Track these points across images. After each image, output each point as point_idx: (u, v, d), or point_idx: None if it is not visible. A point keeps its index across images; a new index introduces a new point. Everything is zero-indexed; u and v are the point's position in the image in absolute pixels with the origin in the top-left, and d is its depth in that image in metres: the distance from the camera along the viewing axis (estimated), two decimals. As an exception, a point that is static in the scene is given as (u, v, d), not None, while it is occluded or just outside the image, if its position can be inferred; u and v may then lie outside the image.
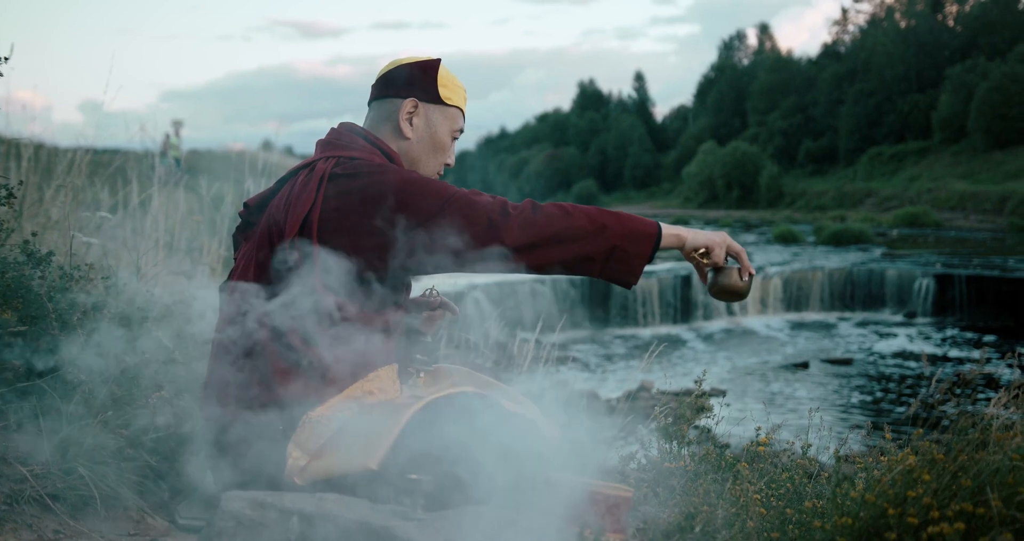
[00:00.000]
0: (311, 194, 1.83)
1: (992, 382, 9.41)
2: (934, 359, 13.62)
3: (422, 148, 2.03)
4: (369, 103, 2.08)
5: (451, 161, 2.09)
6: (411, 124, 2.02)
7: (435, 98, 2.02)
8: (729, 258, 1.98)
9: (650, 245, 1.86)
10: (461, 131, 2.09)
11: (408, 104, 2.01)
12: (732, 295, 1.98)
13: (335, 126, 2.04)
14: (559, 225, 1.81)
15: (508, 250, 1.78)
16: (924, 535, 1.46)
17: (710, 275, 1.99)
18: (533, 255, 1.80)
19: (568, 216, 1.82)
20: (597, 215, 1.84)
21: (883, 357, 14.21)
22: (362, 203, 1.79)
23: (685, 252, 1.94)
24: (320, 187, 1.83)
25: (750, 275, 1.97)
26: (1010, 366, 2.21)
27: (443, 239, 1.76)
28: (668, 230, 1.91)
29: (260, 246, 1.88)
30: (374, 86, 2.07)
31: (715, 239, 1.94)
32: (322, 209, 1.81)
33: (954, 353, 14.17)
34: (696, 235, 1.94)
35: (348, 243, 1.79)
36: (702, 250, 1.94)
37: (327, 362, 1.78)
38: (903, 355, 14.28)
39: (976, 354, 13.64)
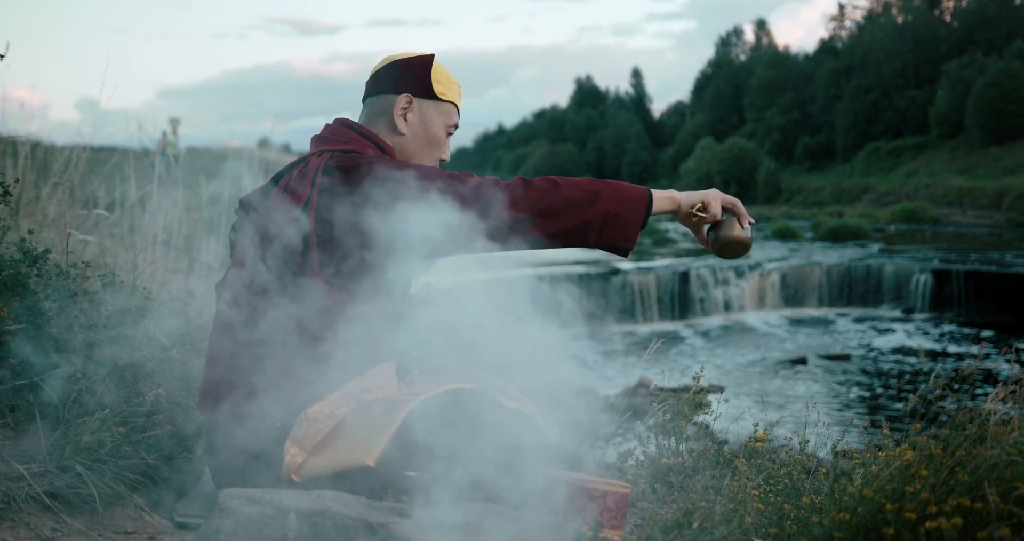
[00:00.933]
0: (306, 188, 1.83)
1: (990, 377, 9.44)
2: (932, 355, 13.62)
3: (416, 143, 2.03)
4: (364, 100, 2.07)
5: (446, 156, 2.09)
6: (405, 119, 2.02)
7: (429, 93, 2.02)
8: (725, 213, 1.97)
9: (643, 208, 1.87)
10: (456, 126, 2.09)
11: (402, 100, 2.00)
12: (737, 245, 1.95)
13: (330, 122, 2.04)
14: (552, 197, 1.82)
15: (504, 227, 1.79)
16: (922, 530, 1.46)
17: (710, 234, 1.98)
18: (530, 229, 1.80)
19: (559, 188, 1.83)
20: (587, 184, 1.85)
21: (881, 353, 14.21)
22: (356, 193, 1.79)
23: (682, 212, 1.95)
24: (315, 180, 1.83)
25: (750, 223, 1.95)
26: (1008, 361, 2.21)
27: (438, 222, 1.77)
28: (659, 193, 1.92)
29: (256, 242, 1.87)
30: (368, 82, 2.07)
31: (709, 193, 1.95)
32: (317, 202, 1.81)
33: (952, 348, 14.18)
34: (690, 194, 1.95)
35: (344, 235, 1.79)
36: (699, 205, 1.94)
37: (325, 358, 1.78)
38: (901, 351, 14.28)
39: (974, 349, 13.65)
